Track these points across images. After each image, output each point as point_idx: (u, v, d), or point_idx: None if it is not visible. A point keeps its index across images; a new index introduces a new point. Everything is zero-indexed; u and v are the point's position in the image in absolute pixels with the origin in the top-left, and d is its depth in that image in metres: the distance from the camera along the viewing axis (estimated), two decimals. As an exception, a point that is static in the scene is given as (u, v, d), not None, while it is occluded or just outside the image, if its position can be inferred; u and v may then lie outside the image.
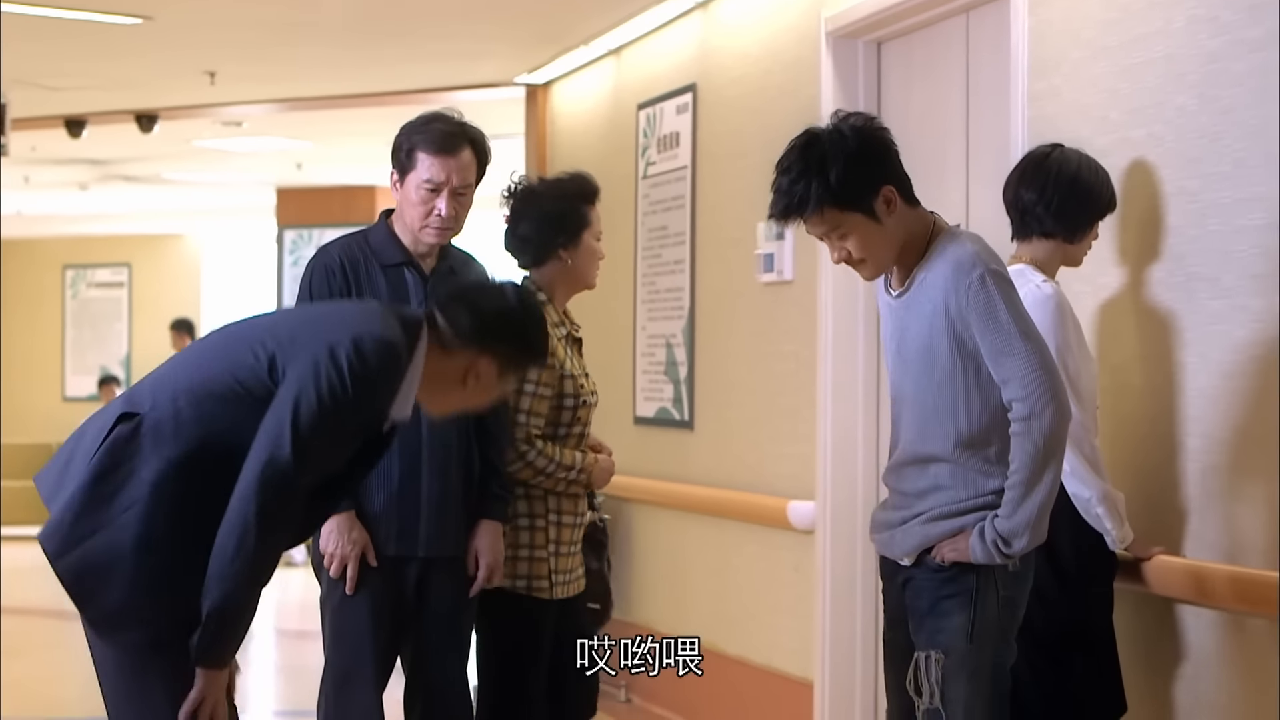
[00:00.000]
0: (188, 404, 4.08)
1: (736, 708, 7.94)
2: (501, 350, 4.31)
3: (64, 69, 11.29)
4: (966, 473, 4.37)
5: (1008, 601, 4.41)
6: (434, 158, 5.18)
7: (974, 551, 4.31)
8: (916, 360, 4.40)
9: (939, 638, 4.37)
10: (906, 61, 6.84)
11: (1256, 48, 4.71)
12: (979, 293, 4.26)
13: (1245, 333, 4.75)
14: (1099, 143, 5.28)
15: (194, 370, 4.17)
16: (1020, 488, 4.27)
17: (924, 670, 4.38)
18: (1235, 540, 4.80)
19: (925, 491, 4.41)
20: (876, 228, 4.37)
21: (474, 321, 4.27)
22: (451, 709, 5.35)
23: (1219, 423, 4.85)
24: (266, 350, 4.08)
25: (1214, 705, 4.89)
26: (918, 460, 4.43)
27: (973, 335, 4.29)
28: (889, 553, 4.53)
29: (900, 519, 4.47)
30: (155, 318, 20.90)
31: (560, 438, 5.46)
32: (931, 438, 4.39)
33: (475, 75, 11.20)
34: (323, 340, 4.06)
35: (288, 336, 4.12)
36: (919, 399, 4.41)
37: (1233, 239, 4.79)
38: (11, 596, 13.34)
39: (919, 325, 4.37)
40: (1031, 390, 4.25)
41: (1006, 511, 4.29)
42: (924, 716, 4.40)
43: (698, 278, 8.36)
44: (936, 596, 4.39)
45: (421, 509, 5.19)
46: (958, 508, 4.36)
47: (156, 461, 4.05)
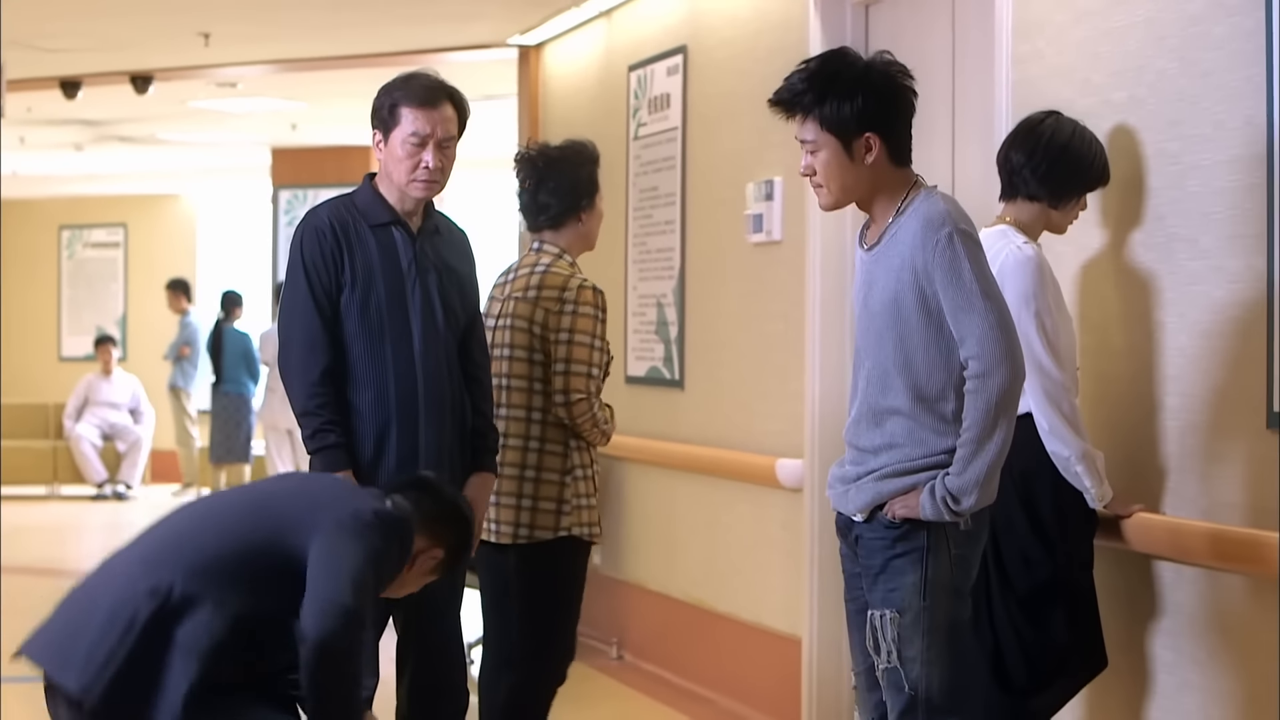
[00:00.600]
0: (211, 586, 4.15)
1: (726, 664, 8.03)
2: (448, 543, 4.55)
3: (59, 30, 11.29)
4: (921, 431, 4.40)
5: (960, 560, 4.44)
6: (418, 111, 5.23)
7: (924, 508, 4.35)
8: (881, 313, 4.44)
9: (893, 596, 4.41)
10: (893, 23, 6.89)
11: (1235, 11, 4.76)
12: (945, 250, 4.32)
13: (1223, 293, 4.80)
14: (1081, 105, 5.33)
15: (187, 546, 4.24)
16: (971, 445, 4.32)
17: (880, 629, 4.43)
18: (1213, 498, 4.86)
19: (880, 448, 4.46)
20: (846, 162, 4.43)
21: (434, 509, 4.53)
22: (446, 663, 5.42)
23: (1197, 381, 4.91)
24: (280, 519, 4.26)
25: (1193, 659, 4.96)
26: (875, 414, 4.46)
27: (936, 291, 4.34)
28: (843, 508, 4.57)
29: (855, 474, 4.51)
30: (151, 278, 20.86)
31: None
32: (891, 390, 4.43)
33: (468, 37, 11.22)
34: (343, 510, 4.27)
35: (301, 509, 4.30)
36: (880, 351, 4.44)
37: (1212, 201, 4.85)
38: (10, 555, 13.40)
39: (886, 278, 4.42)
40: (987, 348, 4.29)
41: (957, 469, 4.33)
42: (883, 676, 4.45)
43: (688, 238, 8.42)
44: (889, 556, 4.43)
45: (419, 466, 5.24)
46: (911, 465, 4.41)
47: (193, 662, 4.11)
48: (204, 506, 4.51)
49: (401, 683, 5.40)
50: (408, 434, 5.23)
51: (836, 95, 4.40)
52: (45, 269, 22.18)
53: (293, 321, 5.24)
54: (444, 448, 5.29)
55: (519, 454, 5.69)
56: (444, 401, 5.28)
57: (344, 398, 5.21)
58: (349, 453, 5.18)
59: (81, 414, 19.04)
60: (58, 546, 15.17)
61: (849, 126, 4.40)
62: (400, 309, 5.22)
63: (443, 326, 5.28)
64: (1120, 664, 5.17)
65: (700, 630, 8.24)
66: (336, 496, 4.39)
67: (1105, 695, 5.29)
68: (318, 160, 17.85)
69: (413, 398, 5.23)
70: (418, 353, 5.23)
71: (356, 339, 5.21)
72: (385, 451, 5.22)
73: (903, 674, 4.41)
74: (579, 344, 5.68)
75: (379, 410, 5.20)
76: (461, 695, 5.45)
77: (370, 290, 5.20)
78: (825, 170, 4.45)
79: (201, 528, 4.30)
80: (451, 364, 5.31)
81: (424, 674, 5.39)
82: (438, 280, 5.31)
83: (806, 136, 4.46)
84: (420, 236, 5.32)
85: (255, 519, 4.27)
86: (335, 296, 5.21)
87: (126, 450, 18.96)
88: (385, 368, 5.20)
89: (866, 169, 4.44)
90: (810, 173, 4.50)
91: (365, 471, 5.20)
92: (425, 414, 5.25)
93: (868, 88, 4.43)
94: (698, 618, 8.24)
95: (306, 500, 4.34)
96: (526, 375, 5.72)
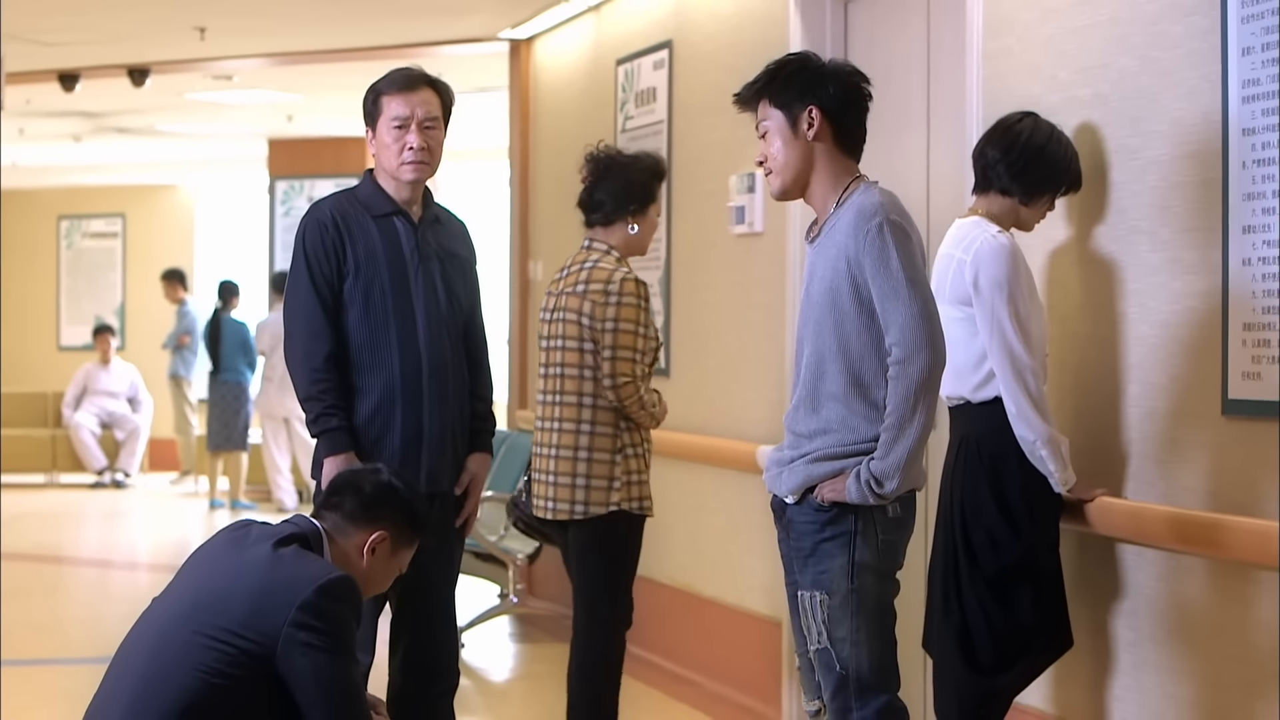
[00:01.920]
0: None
1: (710, 647, 8.18)
2: (389, 520, 4.54)
3: (57, 24, 11.43)
4: (854, 418, 4.56)
5: (887, 545, 4.60)
6: (397, 95, 5.45)
7: (850, 492, 4.51)
8: (820, 301, 4.61)
9: (822, 579, 4.57)
10: (870, 20, 7.04)
11: (1192, 11, 4.91)
12: (875, 239, 4.50)
13: (1180, 284, 4.96)
14: (1048, 101, 5.49)
15: (158, 687, 4.19)
16: (893, 430, 4.48)
17: (810, 611, 4.59)
18: (1172, 482, 5.01)
19: (814, 433, 4.62)
20: (791, 140, 4.65)
21: (359, 501, 4.52)
22: (438, 643, 5.56)
23: (1157, 369, 5.07)
24: (225, 631, 4.19)
25: (1152, 638, 5.11)
26: (813, 399, 4.63)
27: (867, 280, 4.51)
28: (776, 489, 4.73)
29: (790, 458, 4.67)
30: (149, 267, 20.88)
31: (641, 378, 6.19)
32: (827, 376, 4.59)
33: (460, 30, 11.37)
34: (289, 607, 4.19)
35: (241, 611, 4.21)
36: (819, 338, 4.61)
37: (1170, 194, 5.00)
38: (10, 542, 13.54)
39: (824, 268, 4.61)
40: (909, 335, 4.46)
41: (880, 453, 4.50)
42: (816, 656, 4.61)
43: (674, 230, 8.57)
44: (817, 539, 4.59)
45: (424, 447, 5.44)
46: (841, 450, 4.56)
47: None
48: (158, 630, 4.34)
49: (394, 661, 5.55)
50: (412, 415, 5.41)
51: (785, 74, 4.68)
52: (44, 259, 22.23)
53: (296, 311, 5.43)
54: (446, 428, 5.47)
55: (573, 437, 6.11)
56: (447, 384, 5.46)
57: (349, 382, 5.40)
58: (351, 435, 5.37)
59: (80, 403, 19.13)
60: (55, 533, 15.32)
61: (792, 97, 4.64)
62: (404, 294, 5.41)
63: (446, 311, 5.47)
64: (1084, 643, 5.32)
65: (685, 614, 8.39)
66: (274, 587, 4.25)
67: (1070, 673, 5.43)
68: (314, 151, 17.96)
69: (417, 380, 5.40)
70: (422, 337, 5.41)
71: (361, 325, 5.40)
72: (390, 432, 5.40)
73: (833, 654, 4.56)
74: (624, 331, 6.07)
75: (385, 393, 5.38)
76: (452, 675, 5.61)
77: (374, 278, 5.39)
78: (771, 149, 4.69)
79: (165, 665, 4.22)
80: (455, 347, 5.50)
81: (417, 653, 5.53)
82: (440, 267, 5.50)
83: (760, 118, 4.70)
84: (421, 225, 5.50)
85: (213, 646, 4.18)
86: (337, 286, 5.39)
87: (125, 438, 19.05)
88: (390, 352, 5.39)
89: (808, 146, 4.65)
90: (763, 159, 4.72)
91: (370, 452, 5.37)
92: (429, 396, 5.42)
93: (817, 71, 4.69)
94: (683, 602, 8.39)
95: (248, 604, 4.22)
96: (578, 364, 6.14)
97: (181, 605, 4.30)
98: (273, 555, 4.29)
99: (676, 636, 8.44)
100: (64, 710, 7.29)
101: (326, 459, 5.34)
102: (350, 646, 4.29)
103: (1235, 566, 4.76)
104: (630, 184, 6.20)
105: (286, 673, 4.17)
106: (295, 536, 4.38)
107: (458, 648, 5.69)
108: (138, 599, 4.88)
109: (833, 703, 4.62)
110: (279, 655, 4.15)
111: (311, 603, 4.18)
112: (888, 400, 4.51)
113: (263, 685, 4.17)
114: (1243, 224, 4.69)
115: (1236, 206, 4.71)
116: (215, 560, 4.42)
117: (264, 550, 4.31)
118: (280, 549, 4.32)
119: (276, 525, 4.47)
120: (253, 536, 4.41)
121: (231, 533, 4.48)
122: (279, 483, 15.75)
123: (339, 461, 5.32)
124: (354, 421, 5.39)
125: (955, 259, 5.12)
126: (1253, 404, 4.66)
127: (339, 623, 4.23)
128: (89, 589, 12.45)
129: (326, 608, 4.20)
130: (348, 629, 4.27)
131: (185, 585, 4.39)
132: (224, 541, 4.47)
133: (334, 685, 4.20)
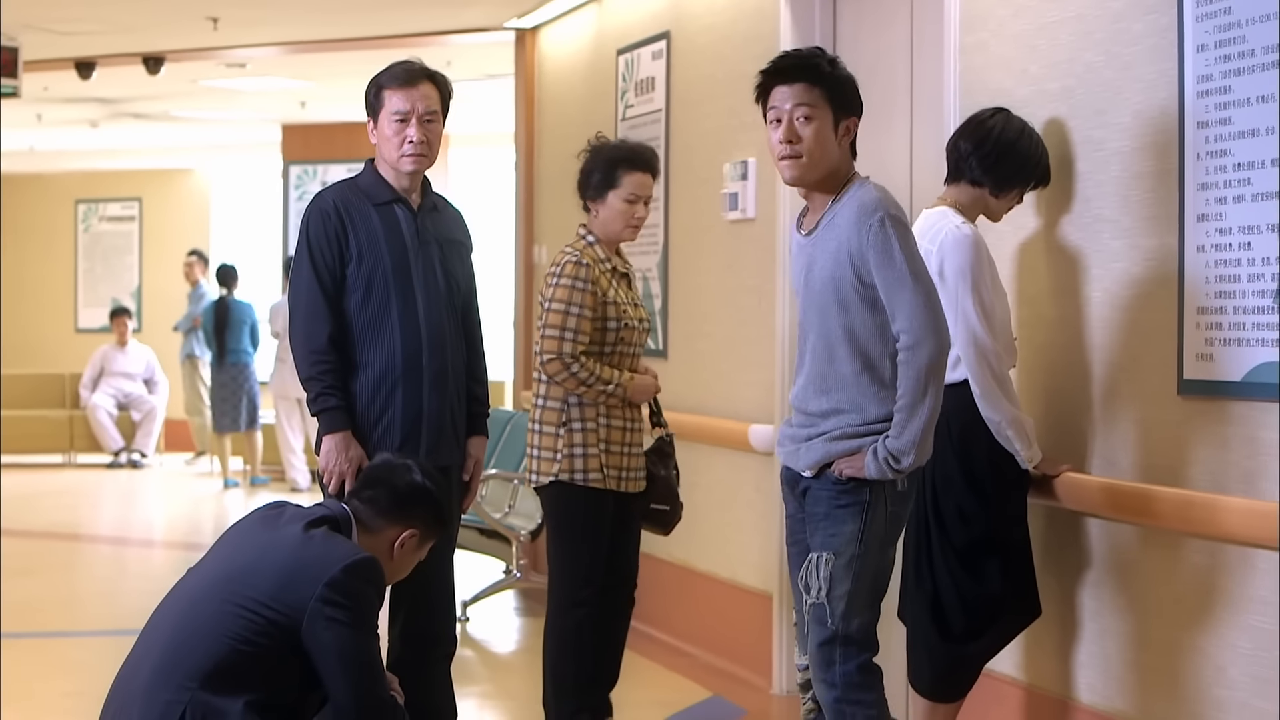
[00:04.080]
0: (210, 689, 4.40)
1: (705, 619, 8.43)
2: (420, 519, 4.84)
3: (73, 15, 11.67)
4: (864, 398, 4.84)
5: (894, 516, 4.90)
6: (398, 90, 5.69)
7: (869, 469, 4.80)
8: (822, 290, 4.87)
9: (832, 540, 4.86)
10: (858, 13, 7.26)
11: (1152, 9, 5.14)
12: (878, 234, 4.76)
13: (1140, 269, 5.20)
14: (1020, 93, 5.72)
15: (190, 650, 4.44)
16: (906, 410, 4.76)
17: (815, 568, 4.86)
18: (1132, 458, 5.24)
19: (827, 413, 4.89)
20: (829, 135, 4.85)
21: (392, 498, 4.80)
22: (436, 611, 5.81)
23: (1119, 351, 5.31)
24: (255, 602, 4.47)
25: (1115, 607, 5.35)
26: (823, 381, 4.90)
27: (870, 271, 4.77)
28: (794, 465, 5.00)
29: (805, 435, 4.95)
30: (166, 250, 21.10)
31: (606, 355, 6.30)
32: (836, 359, 4.86)
33: (468, 20, 11.59)
34: (317, 583, 4.47)
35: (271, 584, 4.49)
36: (824, 324, 4.88)
37: (1131, 184, 5.24)
38: (28, 520, 13.79)
39: (825, 259, 4.86)
40: (916, 322, 4.73)
41: (895, 432, 4.78)
42: (810, 610, 4.88)
43: (671, 215, 8.80)
44: (833, 505, 4.87)
45: (424, 422, 5.69)
46: (855, 430, 4.84)
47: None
48: (189, 599, 4.61)
49: (394, 629, 5.77)
50: (412, 395, 5.65)
51: (841, 72, 4.88)
52: (62, 242, 22.36)
53: (299, 295, 5.69)
54: (445, 409, 5.72)
55: (534, 410, 6.36)
56: (445, 361, 5.71)
57: (350, 363, 5.65)
58: (349, 414, 5.62)
59: (97, 384, 19.28)
60: (73, 511, 15.54)
61: (843, 103, 4.86)
62: (404, 278, 5.66)
63: (444, 293, 5.73)
64: (1052, 612, 5.56)
65: (681, 588, 8.62)
66: (303, 564, 4.53)
67: (1039, 641, 5.68)
68: (327, 136, 18.13)
69: (418, 357, 5.65)
70: (422, 318, 5.67)
71: (363, 308, 5.65)
72: (392, 408, 5.65)
73: (827, 609, 4.83)
74: (554, 310, 6.21)
75: (387, 369, 5.64)
76: (450, 642, 5.87)
77: (376, 262, 5.64)
78: (814, 138, 4.84)
79: (197, 630, 4.48)
80: (454, 327, 5.75)
81: (416, 622, 5.76)
82: (439, 251, 5.75)
83: (804, 102, 4.84)
84: (421, 212, 5.76)
85: (242, 615, 4.45)
86: (339, 272, 5.65)
87: (141, 419, 19.21)
88: (392, 333, 5.64)
89: (839, 151, 4.88)
90: (792, 139, 4.86)
91: (373, 430, 5.63)
92: (429, 372, 5.68)
93: (855, 84, 4.93)
94: (679, 576, 8.62)
95: (278, 578, 4.50)
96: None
97: (215, 576, 4.60)
98: (304, 535, 4.59)
99: (671, 608, 8.69)
100: (79, 680, 7.57)
101: (324, 436, 5.60)
102: (372, 623, 4.56)
103: (1190, 538, 5.00)
104: (587, 172, 6.39)
105: (311, 644, 4.44)
106: (325, 519, 4.67)
107: (454, 616, 5.93)
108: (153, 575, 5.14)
109: (818, 652, 4.87)
110: (305, 627, 4.44)
111: (338, 580, 4.47)
112: (899, 383, 4.78)
113: (287, 654, 4.46)
114: (1197, 213, 4.92)
115: (1191, 196, 4.95)
116: (249, 536, 4.72)
117: (296, 530, 4.61)
118: (311, 530, 4.62)
119: (309, 508, 4.76)
120: (285, 517, 4.71)
121: (265, 512, 4.79)
122: (292, 462, 15.95)
123: (336, 440, 5.57)
124: (356, 399, 5.63)
125: (922, 249, 5.35)
126: (1205, 384, 4.90)
127: (363, 600, 4.52)
128: (105, 565, 12.63)
129: (352, 586, 4.49)
130: (370, 607, 4.56)
131: (219, 558, 4.69)
132: (258, 520, 4.77)
133: (355, 658, 4.48)
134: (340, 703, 4.49)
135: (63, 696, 7.52)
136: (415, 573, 5.56)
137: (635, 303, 6.41)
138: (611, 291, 6.30)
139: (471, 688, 7.93)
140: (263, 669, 4.43)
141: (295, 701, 4.51)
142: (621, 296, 6.33)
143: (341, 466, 5.60)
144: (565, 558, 6.38)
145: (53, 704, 7.47)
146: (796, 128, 4.84)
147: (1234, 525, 4.75)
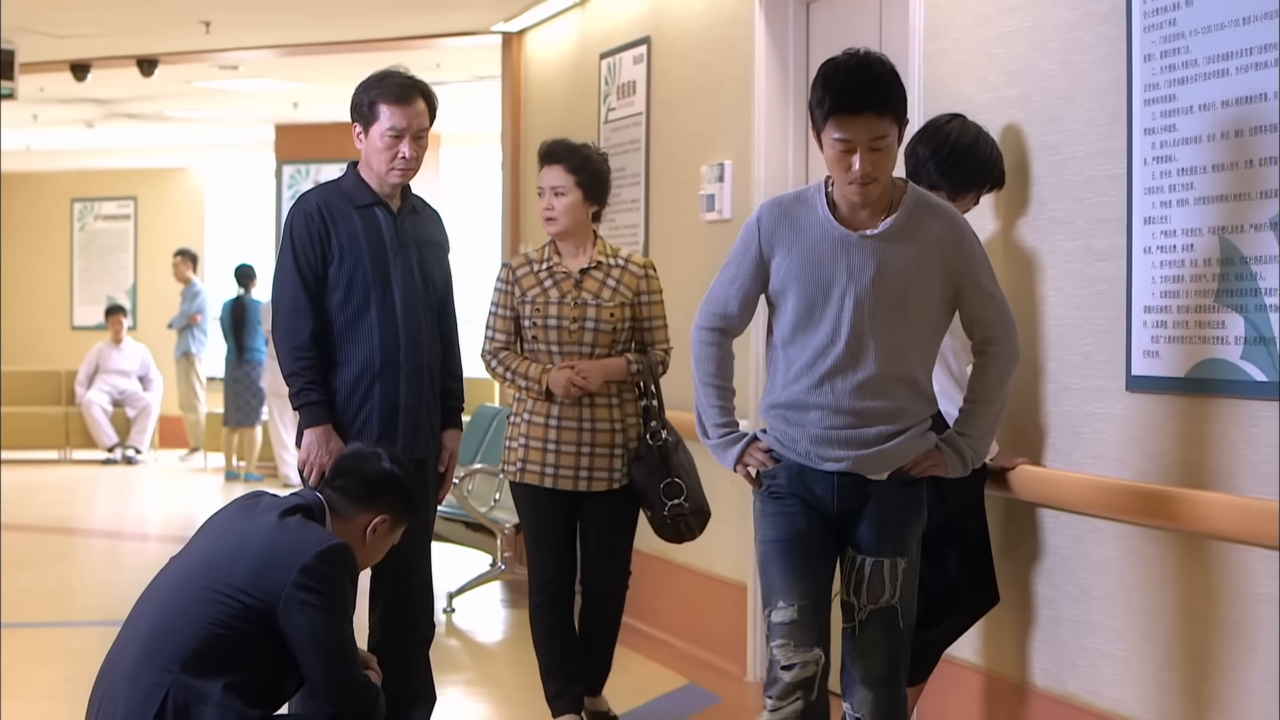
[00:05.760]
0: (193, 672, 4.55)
1: (682, 609, 8.62)
2: (390, 505, 4.99)
3: (68, 18, 11.85)
4: (922, 398, 4.88)
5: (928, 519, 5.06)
6: (394, 107, 5.85)
7: (953, 466, 4.91)
8: (895, 291, 4.76)
9: (902, 546, 4.91)
10: (830, 21, 7.45)
11: (1103, 20, 5.33)
12: (974, 245, 4.87)
13: (1092, 270, 5.39)
14: (980, 100, 5.91)
15: (171, 635, 4.60)
16: (987, 404, 4.91)
17: (891, 575, 4.88)
18: (1084, 451, 5.44)
19: (891, 414, 4.81)
20: (896, 153, 4.81)
21: (363, 485, 4.96)
22: (415, 596, 5.97)
23: (1071, 348, 5.50)
24: (233, 588, 4.62)
25: (1068, 594, 5.55)
26: (883, 382, 4.78)
27: (958, 279, 4.82)
28: (863, 469, 4.83)
29: (867, 437, 4.80)
30: (160, 249, 21.17)
31: (530, 352, 6.54)
32: (902, 361, 4.81)
33: (456, 24, 11.76)
34: (291, 569, 4.62)
35: (248, 571, 4.64)
36: (889, 326, 4.77)
37: (1084, 187, 5.43)
38: (23, 514, 13.94)
39: (904, 263, 4.77)
40: (1010, 328, 4.90)
41: (977, 432, 4.91)
42: (877, 614, 4.87)
43: (651, 216, 8.99)
44: (908, 511, 4.92)
45: (400, 416, 5.86)
46: (926, 427, 4.88)
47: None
48: (171, 586, 4.76)
49: (374, 615, 5.95)
50: (390, 391, 5.83)
51: (898, 88, 4.81)
52: (58, 240, 22.48)
53: (281, 293, 5.87)
54: (421, 404, 5.90)
55: None
56: (422, 357, 5.89)
57: (331, 360, 5.83)
58: (329, 408, 5.80)
59: (92, 381, 19.45)
60: (68, 506, 15.69)
61: (900, 113, 4.78)
62: (384, 278, 5.83)
63: (422, 292, 5.91)
64: (1011, 600, 5.75)
65: (660, 580, 8.80)
66: (279, 550, 4.65)
67: (998, 627, 5.87)
68: (320, 136, 18.26)
69: (395, 357, 5.83)
70: (400, 317, 5.84)
71: (344, 307, 5.83)
72: (370, 402, 5.83)
73: (899, 612, 4.90)
74: (488, 311, 6.59)
75: (365, 364, 5.81)
76: (427, 629, 6.04)
77: (357, 263, 5.82)
78: (887, 162, 4.74)
79: (178, 616, 4.62)
80: (430, 325, 5.94)
81: (395, 608, 5.94)
82: (417, 252, 5.93)
83: (879, 134, 4.66)
84: (400, 215, 5.94)
85: (221, 600, 4.60)
86: (321, 271, 5.82)
87: (136, 416, 19.38)
88: (371, 331, 5.82)
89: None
90: (867, 170, 4.67)
91: (352, 423, 5.81)
92: (406, 373, 5.85)
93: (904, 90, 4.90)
94: (659, 568, 8.79)
95: (255, 565, 4.64)
96: None
97: (195, 564, 4.76)
98: (279, 523, 4.75)
99: (649, 599, 8.85)
100: (74, 668, 7.73)
101: (306, 430, 5.80)
102: (345, 607, 4.71)
103: (1139, 529, 5.18)
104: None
105: (286, 628, 4.60)
106: (300, 507, 4.83)
107: (433, 603, 6.11)
108: (146, 568, 5.32)
109: (893, 654, 4.91)
110: (280, 612, 4.59)
111: (312, 566, 4.62)
112: (982, 381, 4.91)
113: (264, 638, 4.61)
114: (1144, 215, 5.12)
115: (1139, 199, 5.14)
116: (227, 525, 4.89)
117: (271, 518, 4.77)
118: (286, 518, 4.77)
119: (284, 497, 4.92)
120: (262, 506, 4.87)
121: (243, 502, 4.95)
122: (285, 458, 16.11)
123: (318, 433, 5.77)
124: (336, 393, 5.82)
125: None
126: (1152, 380, 5.10)
127: (336, 585, 4.66)
128: (100, 558, 12.82)
129: (325, 571, 4.64)
130: (343, 591, 4.69)
131: (199, 546, 4.86)
132: (236, 509, 4.94)
133: (329, 641, 4.64)
134: (315, 683, 4.66)
135: (58, 683, 7.71)
136: (395, 561, 5.65)
137: (579, 302, 6.50)
138: (534, 291, 6.51)
139: (456, 675, 8.13)
140: (241, 652, 4.58)
141: (273, 683, 4.66)
142: (551, 296, 6.50)
143: (322, 459, 5.75)
144: (526, 551, 6.71)
145: (49, 690, 7.65)
146: (874, 158, 4.68)
147: (1180, 514, 4.92)
